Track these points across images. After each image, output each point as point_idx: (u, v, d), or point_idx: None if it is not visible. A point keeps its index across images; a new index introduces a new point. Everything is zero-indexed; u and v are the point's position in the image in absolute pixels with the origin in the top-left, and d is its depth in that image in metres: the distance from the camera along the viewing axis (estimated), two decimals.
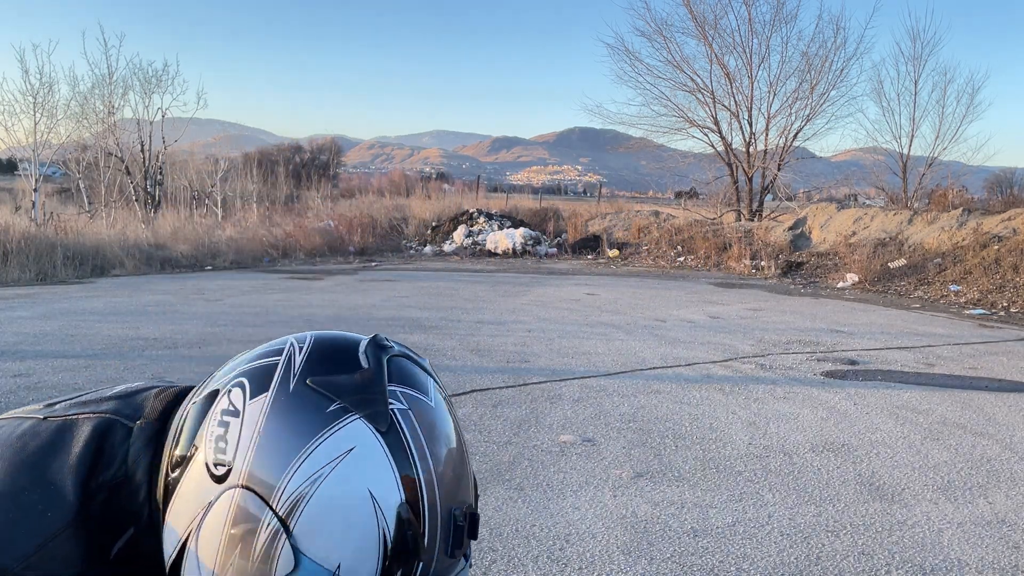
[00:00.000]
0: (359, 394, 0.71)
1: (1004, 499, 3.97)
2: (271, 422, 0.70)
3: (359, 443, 0.69)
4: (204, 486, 0.71)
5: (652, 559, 3.19)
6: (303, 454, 0.68)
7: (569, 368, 6.58)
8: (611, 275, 15.51)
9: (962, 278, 13.08)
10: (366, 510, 0.67)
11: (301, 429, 0.69)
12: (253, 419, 0.71)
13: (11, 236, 12.59)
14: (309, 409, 0.70)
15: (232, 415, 0.72)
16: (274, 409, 0.71)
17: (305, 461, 0.68)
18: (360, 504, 0.68)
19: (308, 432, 0.69)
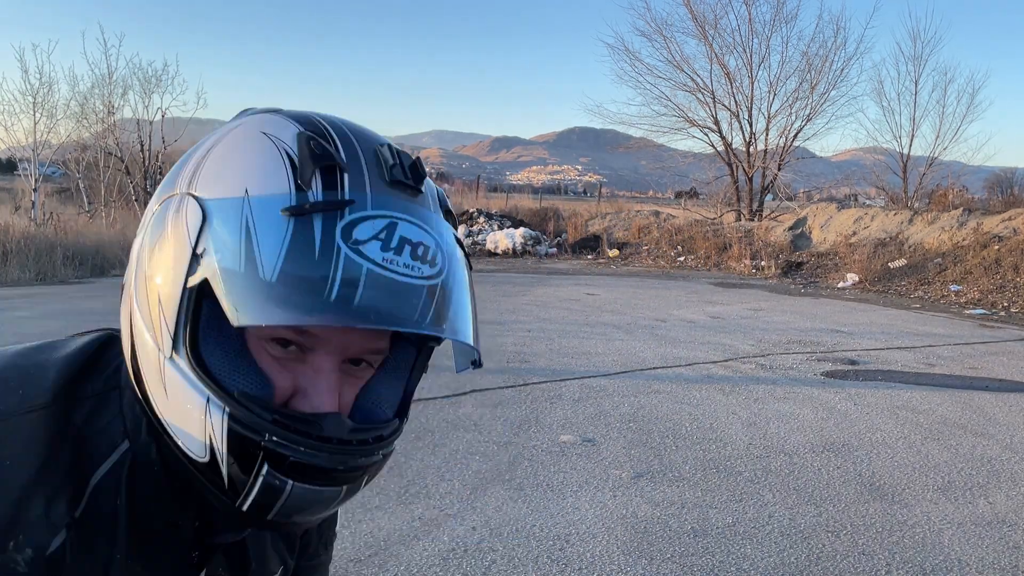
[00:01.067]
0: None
1: (1004, 499, 3.97)
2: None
3: (254, 117, 0.68)
4: (135, 245, 0.68)
5: (652, 559, 3.19)
6: (202, 144, 0.68)
7: (569, 368, 6.57)
8: (611, 275, 15.50)
9: (962, 278, 13.08)
10: (261, 141, 0.64)
11: (206, 138, 0.69)
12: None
13: (11, 236, 12.59)
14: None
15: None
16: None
17: (202, 144, 0.68)
18: (254, 139, 0.64)
19: (211, 134, 0.69)
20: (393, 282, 0.60)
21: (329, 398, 0.64)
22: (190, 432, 0.62)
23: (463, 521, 3.48)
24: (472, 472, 4.09)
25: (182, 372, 0.61)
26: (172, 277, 0.62)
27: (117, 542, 0.66)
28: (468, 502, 3.70)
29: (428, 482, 3.92)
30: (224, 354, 0.63)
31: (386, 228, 0.61)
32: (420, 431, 4.72)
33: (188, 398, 0.61)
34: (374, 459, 0.66)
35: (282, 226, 0.59)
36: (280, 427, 0.61)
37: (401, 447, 4.40)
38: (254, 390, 0.63)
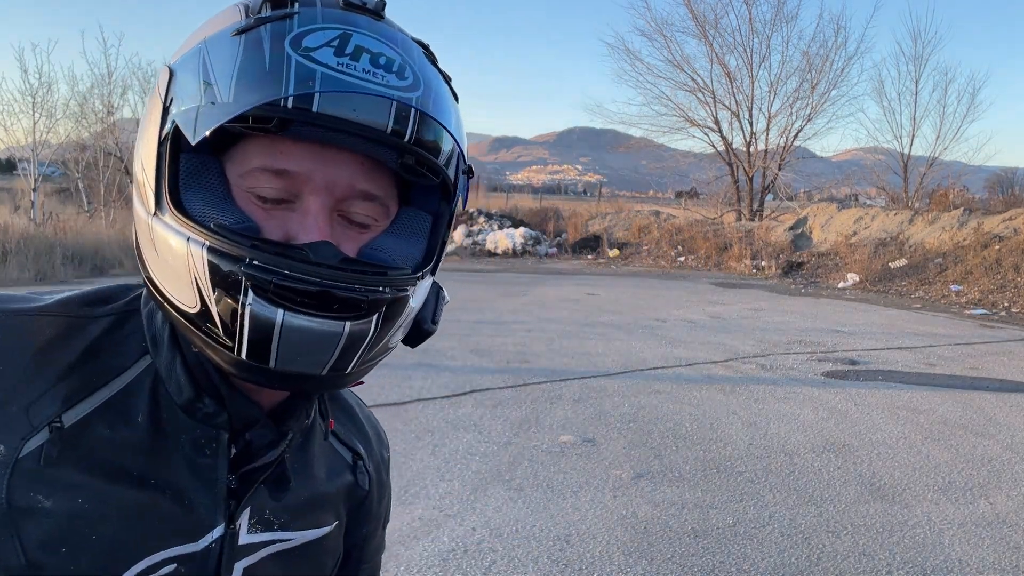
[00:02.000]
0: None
1: (1005, 499, 3.96)
2: None
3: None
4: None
5: (652, 559, 3.18)
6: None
7: (569, 368, 6.57)
8: (611, 275, 15.50)
9: (963, 278, 13.07)
10: (229, 7, 0.63)
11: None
12: None
13: (10, 236, 12.58)
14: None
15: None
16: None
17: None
18: (224, 9, 0.64)
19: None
20: (352, 85, 0.56)
21: (319, 234, 0.60)
22: (179, 281, 0.59)
23: (463, 521, 3.47)
24: (472, 472, 4.08)
25: (166, 224, 0.59)
26: (150, 137, 0.61)
27: (134, 459, 0.64)
28: (468, 502, 3.69)
29: (428, 482, 3.92)
30: (207, 203, 0.60)
31: (339, 37, 0.58)
32: (420, 431, 4.71)
33: (172, 245, 0.59)
34: (378, 294, 0.59)
35: (233, 48, 0.57)
36: (260, 251, 0.57)
37: (401, 447, 4.40)
38: (237, 226, 0.60)
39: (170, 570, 0.65)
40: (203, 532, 0.66)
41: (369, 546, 0.88)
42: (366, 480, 0.83)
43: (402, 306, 0.62)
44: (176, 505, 0.65)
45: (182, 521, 0.65)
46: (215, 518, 0.67)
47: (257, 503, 0.70)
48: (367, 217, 0.64)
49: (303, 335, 0.57)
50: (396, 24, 0.65)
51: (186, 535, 0.65)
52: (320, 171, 0.61)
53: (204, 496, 0.66)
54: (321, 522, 0.77)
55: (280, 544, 0.73)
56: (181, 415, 0.66)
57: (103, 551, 0.62)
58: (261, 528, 0.71)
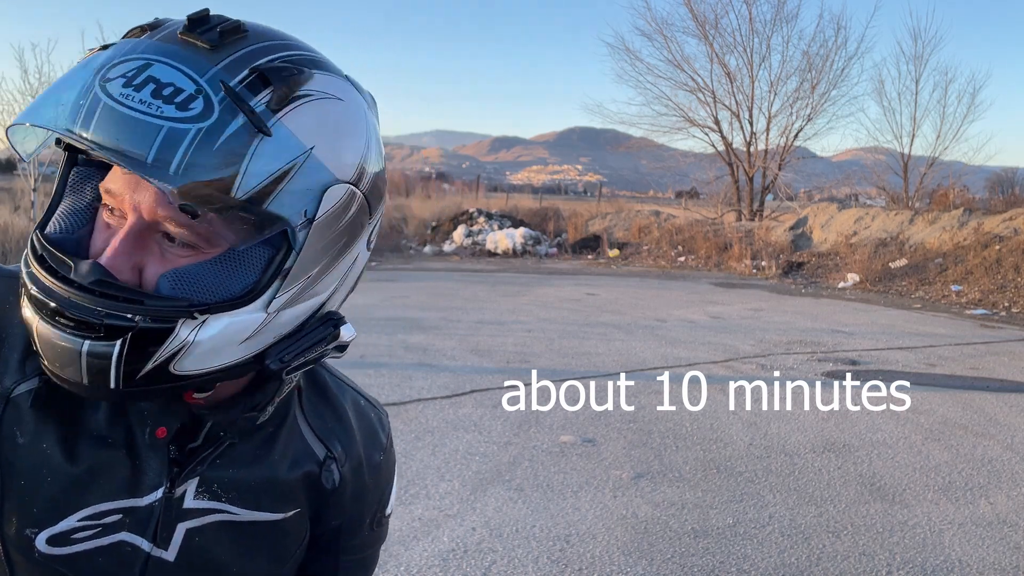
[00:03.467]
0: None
1: (1005, 500, 3.96)
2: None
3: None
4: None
5: (652, 560, 3.18)
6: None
7: (569, 368, 6.56)
8: (611, 275, 15.49)
9: (963, 278, 13.06)
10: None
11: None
12: None
13: (10, 236, 12.59)
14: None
15: None
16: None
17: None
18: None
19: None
20: (123, 115, 0.57)
21: (109, 250, 0.63)
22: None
23: (463, 521, 3.47)
24: (472, 472, 4.08)
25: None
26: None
27: (96, 418, 0.71)
28: (468, 502, 3.69)
29: (428, 482, 3.92)
30: (69, 209, 0.69)
31: (138, 68, 0.59)
32: (420, 431, 4.71)
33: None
34: (119, 319, 0.60)
35: (71, 71, 0.62)
36: (37, 261, 0.64)
37: (401, 447, 4.39)
38: (63, 235, 0.67)
39: (115, 519, 0.72)
40: (148, 491, 0.73)
41: (351, 540, 0.90)
42: (333, 478, 0.85)
43: (161, 335, 0.62)
44: (127, 463, 0.72)
45: (130, 479, 0.72)
46: (161, 480, 0.73)
47: (209, 475, 0.76)
48: (188, 240, 0.64)
49: (50, 344, 0.62)
50: (244, 53, 0.62)
51: (133, 491, 0.72)
52: (129, 194, 0.63)
53: (153, 459, 0.72)
54: (276, 507, 0.81)
55: (226, 515, 0.77)
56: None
57: (56, 493, 0.69)
58: (208, 497, 0.76)
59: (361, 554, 0.93)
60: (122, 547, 0.72)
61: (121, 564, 0.73)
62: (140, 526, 0.73)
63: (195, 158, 0.57)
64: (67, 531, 0.70)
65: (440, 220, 21.15)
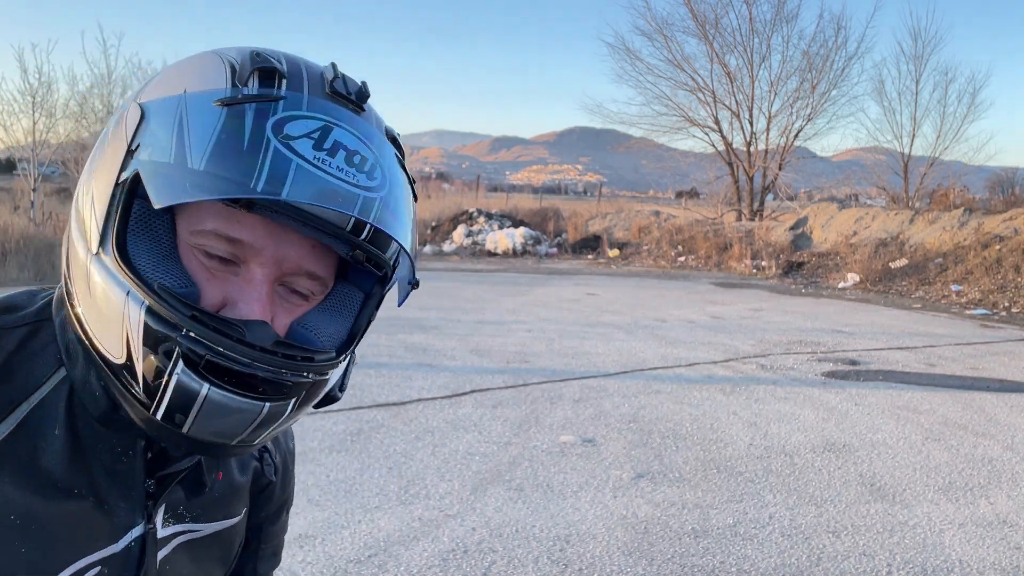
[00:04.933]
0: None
1: (1005, 500, 3.96)
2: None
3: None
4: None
5: (653, 560, 3.18)
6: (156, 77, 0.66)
7: (569, 368, 6.56)
8: (611, 275, 15.49)
9: (963, 278, 13.06)
10: (210, 56, 0.64)
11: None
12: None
13: (10, 236, 12.58)
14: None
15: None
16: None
17: (164, 68, 0.67)
18: (203, 55, 0.64)
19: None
20: (325, 181, 0.58)
21: (259, 307, 0.62)
22: (109, 329, 0.60)
23: (463, 522, 3.47)
24: (472, 472, 4.08)
25: (106, 268, 0.60)
26: (106, 175, 0.61)
27: (59, 468, 0.65)
28: (468, 502, 3.69)
29: (428, 482, 3.91)
30: (152, 255, 0.61)
31: (320, 130, 0.60)
32: (420, 431, 4.71)
33: (109, 293, 0.59)
34: (301, 379, 0.62)
35: (214, 117, 0.58)
36: (199, 323, 0.58)
37: (401, 447, 4.39)
38: (179, 289, 0.61)
39: (95, 572, 0.68)
40: (122, 533, 0.69)
41: (271, 527, 0.93)
42: (272, 471, 0.87)
43: (321, 388, 0.65)
44: (97, 511, 0.67)
45: (103, 526, 0.68)
46: (134, 519, 0.70)
47: (172, 501, 0.74)
48: (308, 291, 0.67)
49: (223, 410, 0.60)
50: (375, 114, 0.67)
51: (107, 538, 0.68)
52: (272, 247, 0.63)
53: (122, 500, 0.69)
54: (231, 513, 0.82)
55: (190, 534, 0.77)
56: (97, 425, 0.67)
57: (33, 561, 0.64)
58: (174, 521, 0.75)
59: (276, 541, 0.95)
60: None
61: None
62: (119, 572, 0.70)
63: (381, 221, 0.61)
64: None
65: (440, 220, 21.15)
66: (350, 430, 4.68)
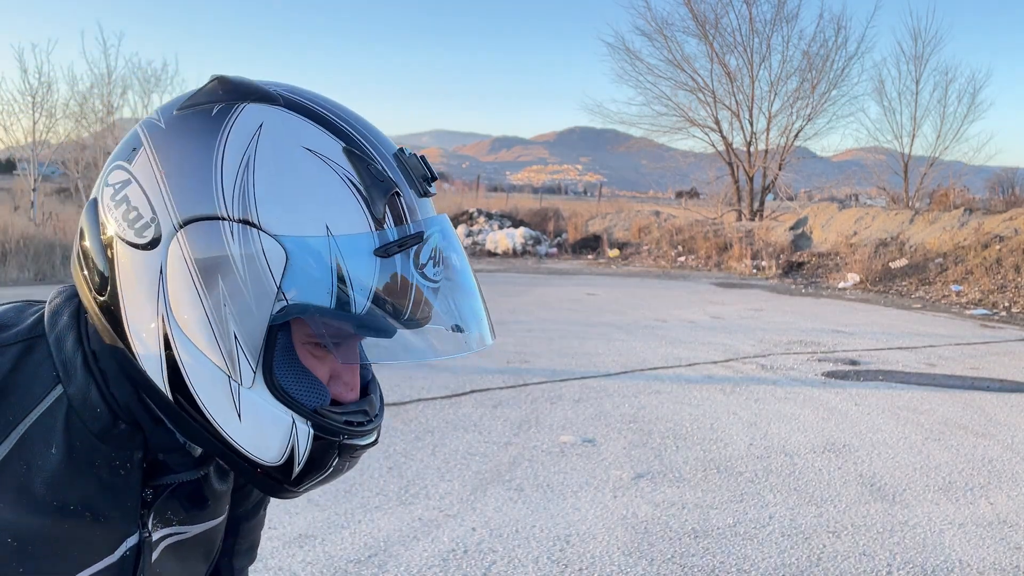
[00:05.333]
0: (232, 92, 0.67)
1: (1005, 500, 3.96)
2: (166, 155, 0.65)
3: (264, 118, 0.65)
4: (145, 263, 0.64)
5: (653, 560, 3.18)
6: (218, 153, 0.63)
7: (569, 368, 6.56)
8: (611, 275, 15.49)
9: (963, 278, 13.06)
10: (313, 163, 0.64)
11: (201, 140, 0.64)
12: (147, 169, 0.65)
13: (10, 236, 12.57)
14: (196, 122, 0.65)
15: (124, 185, 0.65)
16: (160, 145, 0.66)
17: (224, 156, 0.63)
18: (303, 160, 0.64)
19: (209, 136, 0.64)
20: (433, 291, 0.69)
21: (358, 380, 0.75)
22: (267, 445, 0.67)
23: (463, 521, 3.47)
24: (472, 472, 4.08)
25: (263, 400, 0.66)
26: (251, 315, 0.64)
27: (54, 486, 0.66)
28: (468, 502, 3.69)
29: (428, 482, 3.91)
30: (289, 372, 0.68)
31: (434, 248, 0.68)
32: (420, 431, 4.71)
33: (270, 422, 0.67)
34: (380, 430, 0.77)
35: (371, 267, 0.64)
36: (351, 428, 0.71)
37: (401, 447, 4.40)
38: (317, 401, 0.70)
39: None
40: (118, 544, 0.71)
41: (248, 523, 0.94)
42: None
43: None
44: (93, 524, 0.68)
45: (100, 538, 0.69)
46: (129, 528, 0.71)
47: (161, 507, 0.75)
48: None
49: (349, 467, 0.75)
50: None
51: (104, 550, 0.70)
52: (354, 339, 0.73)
53: (116, 511, 0.70)
54: (216, 514, 0.84)
55: (177, 536, 0.79)
56: (94, 440, 0.68)
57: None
58: (162, 525, 0.76)
59: (252, 537, 0.96)
60: None
61: None
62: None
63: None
64: None
65: None
66: None
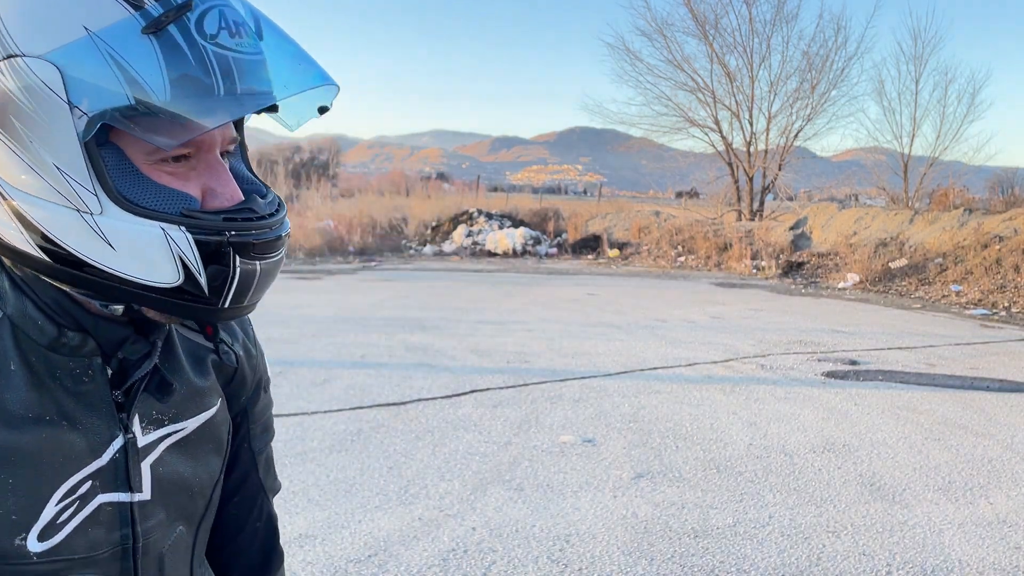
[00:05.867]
0: None
1: (1005, 500, 3.96)
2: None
3: None
4: None
5: (652, 560, 3.18)
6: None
7: (569, 368, 6.57)
8: (611, 275, 15.49)
9: (963, 278, 13.06)
10: None
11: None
12: None
13: None
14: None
15: None
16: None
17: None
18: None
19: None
20: (250, 62, 0.65)
21: (235, 188, 0.70)
22: (157, 265, 0.65)
23: (463, 521, 3.47)
24: (472, 472, 4.08)
25: (123, 220, 0.64)
26: (59, 140, 0.61)
27: (25, 402, 0.69)
28: (468, 502, 3.69)
29: (428, 482, 3.92)
30: (141, 189, 0.65)
31: (220, 16, 0.64)
32: (420, 431, 4.71)
33: (143, 239, 0.64)
34: (288, 227, 0.73)
35: (148, 48, 0.60)
36: (233, 223, 0.67)
37: (401, 447, 4.40)
38: (181, 206, 0.66)
39: (87, 487, 0.73)
40: (104, 447, 0.74)
41: (254, 408, 0.97)
42: (232, 357, 0.91)
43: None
44: (72, 432, 0.71)
45: (82, 444, 0.72)
46: (112, 432, 0.74)
47: (144, 408, 0.77)
48: (231, 151, 0.75)
49: (267, 275, 0.70)
50: None
51: (90, 455, 0.73)
52: (217, 134, 0.69)
53: (95, 417, 0.73)
54: (206, 405, 0.85)
55: (175, 435, 0.81)
56: (49, 353, 0.71)
57: (22, 490, 0.69)
58: (153, 427, 0.79)
59: (263, 418, 0.99)
60: (103, 510, 0.74)
61: (110, 526, 0.74)
62: (112, 482, 0.74)
63: (277, 73, 0.69)
64: (51, 519, 0.70)
65: (440, 220, 21.15)
66: (350, 430, 4.68)
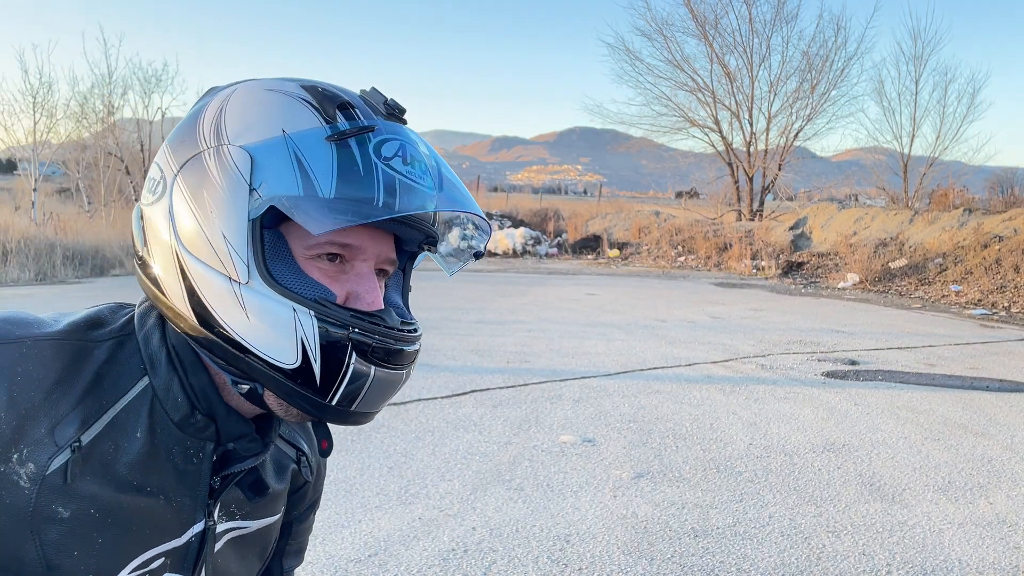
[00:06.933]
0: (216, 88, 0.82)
1: (1005, 499, 3.96)
2: (173, 134, 0.78)
3: (238, 84, 0.79)
4: (161, 213, 0.74)
5: (652, 560, 3.18)
6: (202, 111, 0.76)
7: (569, 368, 6.57)
8: (611, 275, 15.49)
9: (963, 278, 13.07)
10: (274, 96, 0.74)
11: (193, 111, 0.78)
12: (162, 153, 0.78)
13: (10, 236, 12.57)
14: (192, 107, 0.81)
15: (151, 172, 0.78)
16: (172, 134, 0.79)
17: (206, 110, 0.76)
18: (266, 95, 0.74)
19: (199, 105, 0.78)
20: (413, 187, 0.72)
21: (377, 296, 0.76)
22: (280, 343, 0.70)
23: (463, 521, 3.47)
24: (472, 472, 4.08)
25: (263, 294, 0.70)
26: (232, 214, 0.70)
27: (135, 468, 0.74)
28: (468, 502, 3.69)
29: (428, 482, 3.92)
30: (290, 273, 0.73)
31: (400, 147, 0.73)
32: (420, 431, 4.71)
33: (274, 314, 0.70)
34: (418, 346, 0.78)
35: (328, 152, 0.70)
36: (359, 320, 0.72)
37: (401, 447, 4.40)
38: (321, 295, 0.73)
39: (159, 563, 0.77)
40: (185, 528, 0.78)
41: (300, 525, 1.01)
42: (309, 472, 0.96)
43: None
44: (166, 507, 0.76)
45: (170, 521, 0.77)
46: (196, 515, 0.79)
47: (227, 499, 0.82)
48: (388, 271, 0.81)
49: (385, 384, 0.75)
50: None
51: (173, 532, 0.77)
52: (372, 246, 0.76)
53: (187, 497, 0.78)
54: (274, 511, 0.91)
55: (239, 530, 0.86)
56: (173, 428, 0.76)
57: (107, 551, 0.73)
58: (226, 519, 0.84)
59: (301, 539, 1.03)
60: None
61: None
62: (180, 564, 0.79)
63: (438, 217, 0.84)
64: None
65: None
66: (350, 430, 4.68)
